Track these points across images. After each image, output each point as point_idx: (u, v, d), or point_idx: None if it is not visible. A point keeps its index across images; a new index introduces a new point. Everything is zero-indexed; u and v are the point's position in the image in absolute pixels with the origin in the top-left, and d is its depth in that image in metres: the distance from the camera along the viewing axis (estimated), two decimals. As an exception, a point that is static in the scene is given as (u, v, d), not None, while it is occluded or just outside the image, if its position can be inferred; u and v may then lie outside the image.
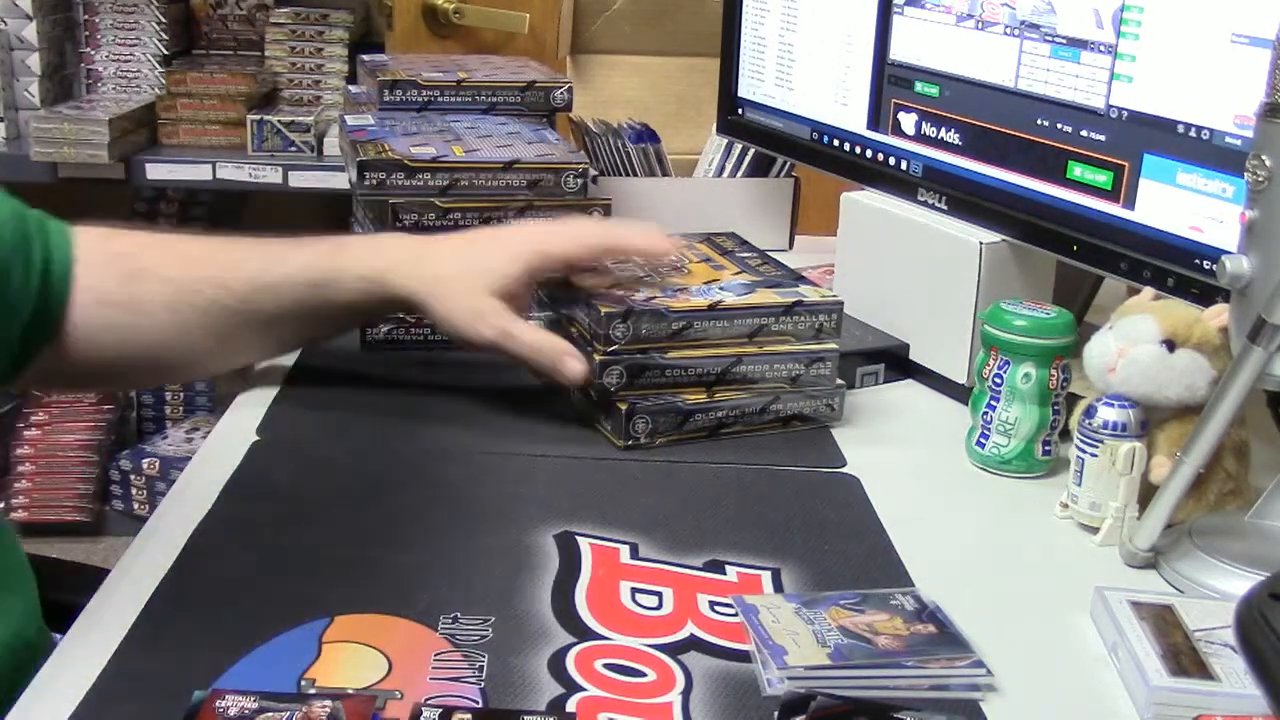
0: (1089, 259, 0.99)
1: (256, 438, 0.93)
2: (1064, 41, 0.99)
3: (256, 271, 0.94)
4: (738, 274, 1.03)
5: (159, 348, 0.93)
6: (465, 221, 1.10)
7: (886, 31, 1.16)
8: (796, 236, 1.47)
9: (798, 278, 1.03)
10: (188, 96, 2.49)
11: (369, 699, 0.62)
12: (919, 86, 1.13)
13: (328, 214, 2.59)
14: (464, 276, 0.94)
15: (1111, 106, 0.95)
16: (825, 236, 1.30)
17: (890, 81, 1.17)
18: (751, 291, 0.99)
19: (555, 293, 1.00)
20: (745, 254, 1.09)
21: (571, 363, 0.93)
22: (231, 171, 2.43)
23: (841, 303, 0.99)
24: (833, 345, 0.99)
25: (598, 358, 0.93)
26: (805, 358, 0.98)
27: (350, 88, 1.47)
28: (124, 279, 0.91)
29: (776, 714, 0.62)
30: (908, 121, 1.15)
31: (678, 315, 0.95)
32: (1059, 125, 1.00)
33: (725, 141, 1.47)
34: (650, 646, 0.69)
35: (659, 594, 0.75)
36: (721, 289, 0.99)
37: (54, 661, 0.67)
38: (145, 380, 1.03)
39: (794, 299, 0.98)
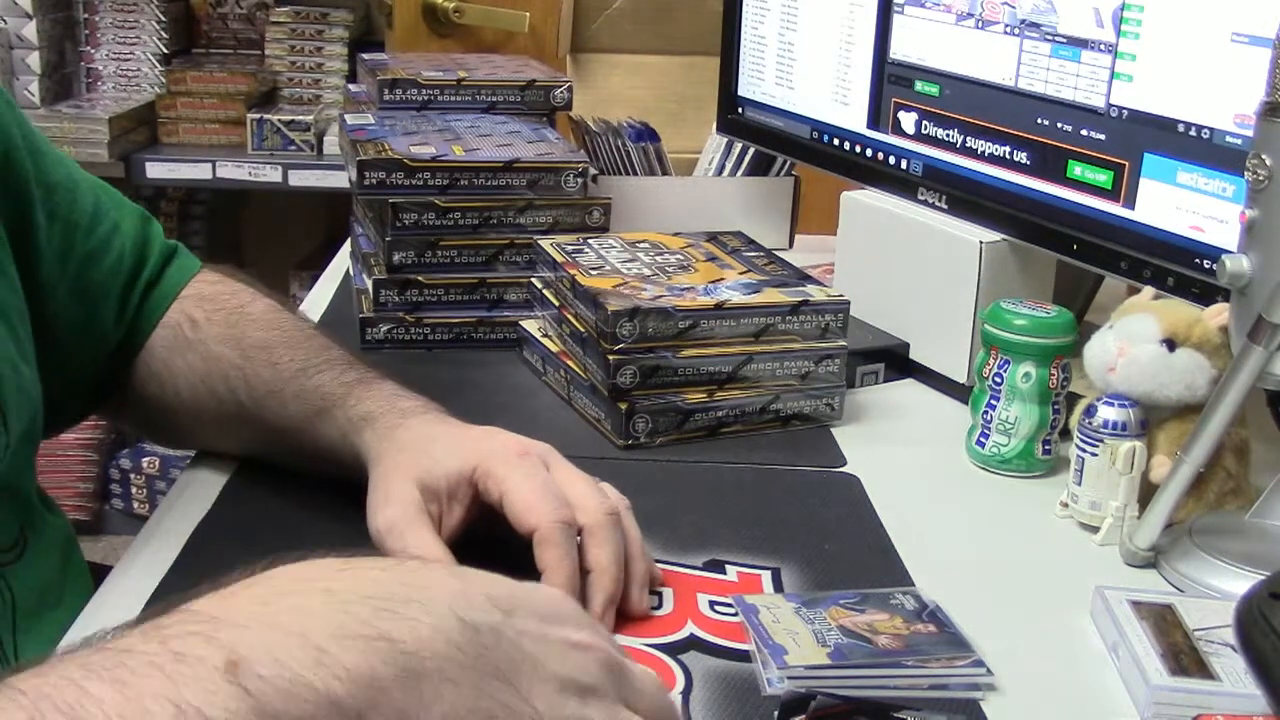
0: (1089, 258, 0.99)
1: (256, 437, 0.93)
2: (1064, 41, 0.99)
3: (290, 375, 0.85)
4: (744, 273, 1.03)
5: (170, 412, 0.90)
6: (465, 220, 1.10)
7: (887, 30, 1.16)
8: (796, 236, 1.47)
9: (804, 277, 1.03)
10: (187, 95, 2.50)
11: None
12: (919, 85, 1.13)
13: (328, 213, 2.60)
14: (410, 453, 0.76)
15: (1112, 106, 0.95)
16: (825, 236, 1.30)
17: (890, 80, 1.16)
18: (758, 291, 0.99)
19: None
20: (751, 253, 1.09)
21: None
22: (231, 170, 2.43)
23: (848, 302, 0.99)
24: (842, 342, 0.99)
25: (609, 357, 0.93)
26: (814, 355, 0.98)
27: (350, 87, 1.47)
28: (172, 346, 0.89)
29: (776, 714, 0.62)
30: (908, 121, 1.15)
31: (684, 314, 0.95)
32: (1059, 124, 1.00)
33: (725, 140, 1.47)
34: (650, 646, 0.69)
35: (659, 594, 0.75)
36: (728, 288, 0.99)
37: (54, 661, 0.67)
38: (148, 434, 1.00)
39: (800, 298, 0.98)
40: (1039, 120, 1.01)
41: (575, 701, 0.49)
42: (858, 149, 1.22)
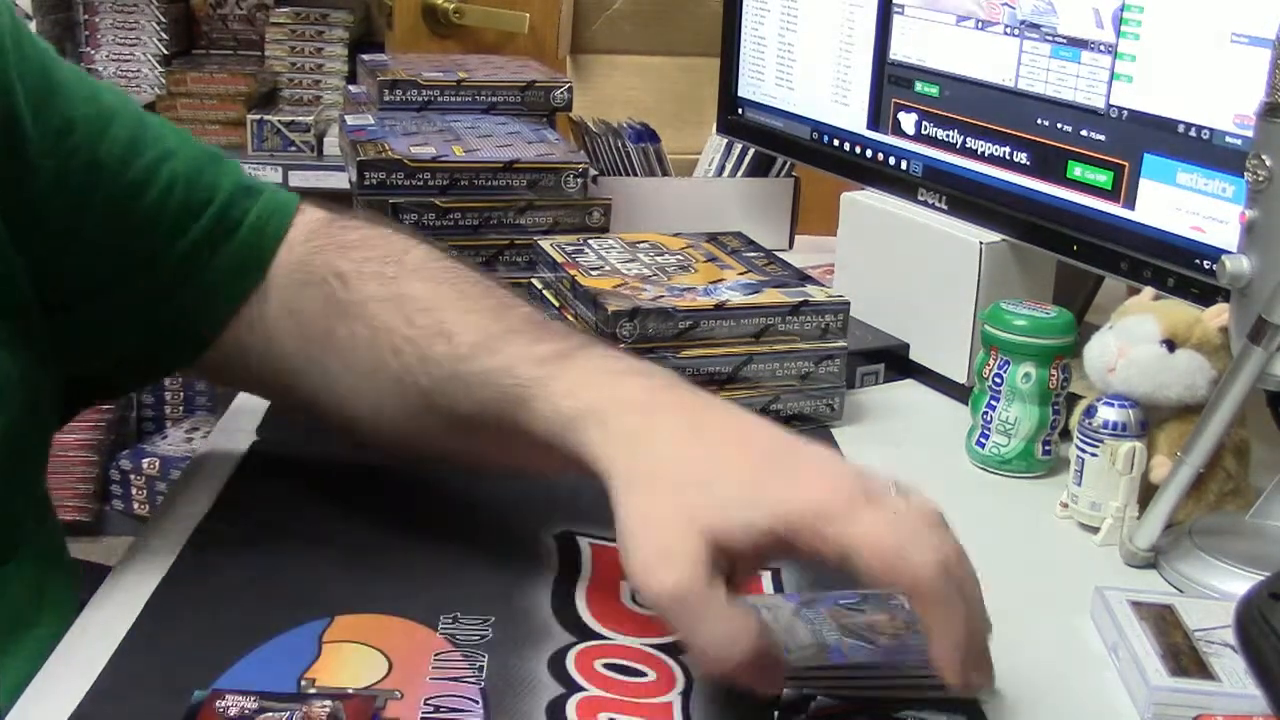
0: (1089, 259, 0.99)
1: (256, 438, 0.93)
2: (1064, 41, 0.99)
3: (468, 350, 0.71)
4: (744, 273, 1.03)
5: (333, 399, 0.78)
6: (465, 221, 1.10)
7: (886, 31, 1.16)
8: (796, 236, 1.47)
9: (803, 277, 1.03)
10: (188, 96, 2.50)
11: (369, 699, 0.62)
12: (919, 86, 1.13)
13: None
14: (675, 485, 0.61)
15: (1111, 106, 0.95)
16: (825, 236, 1.30)
17: (890, 81, 1.17)
18: (758, 291, 0.99)
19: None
20: (751, 253, 1.09)
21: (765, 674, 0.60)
22: (231, 171, 2.43)
23: (848, 303, 0.99)
24: (842, 343, 0.99)
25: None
26: (814, 356, 0.98)
27: (350, 88, 1.47)
28: (327, 310, 0.76)
29: (776, 714, 0.62)
30: (908, 121, 1.15)
31: (684, 314, 0.95)
32: (1059, 125, 1.00)
33: (725, 141, 1.47)
34: (650, 646, 0.69)
35: (659, 594, 0.75)
36: (728, 289, 0.99)
37: (54, 661, 0.67)
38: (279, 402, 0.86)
39: (800, 299, 0.98)
40: (1039, 121, 1.01)
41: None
42: (858, 150, 1.22)
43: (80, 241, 0.75)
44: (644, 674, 0.67)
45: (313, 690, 0.63)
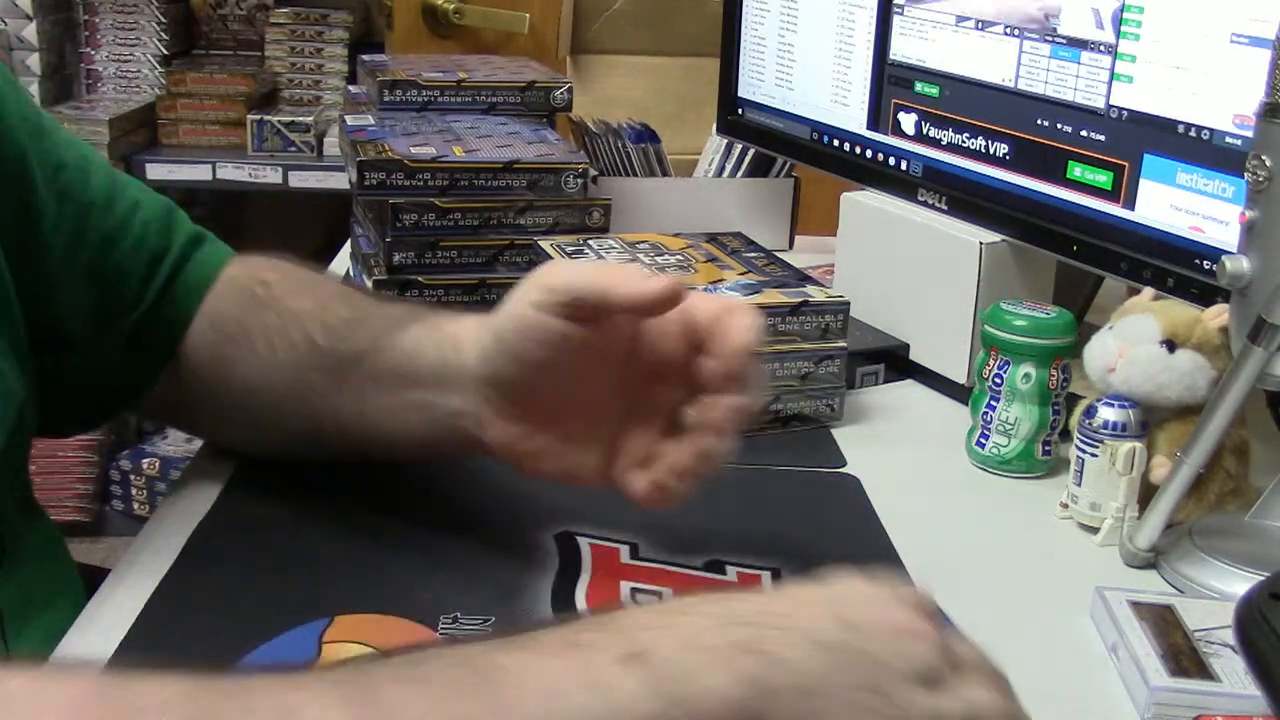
0: (1089, 259, 0.99)
1: (256, 438, 0.93)
2: (1064, 41, 0.99)
3: (369, 310, 0.82)
4: (744, 274, 1.03)
5: (252, 383, 0.84)
6: (465, 221, 1.10)
7: (886, 31, 1.16)
8: (796, 236, 1.47)
9: (803, 278, 1.03)
10: (188, 96, 2.50)
11: (369, 699, 0.62)
12: (919, 86, 1.13)
13: (328, 214, 2.60)
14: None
15: (1111, 106, 0.95)
16: (825, 236, 1.30)
17: (890, 81, 1.17)
18: (758, 291, 0.99)
19: None
20: (751, 254, 1.09)
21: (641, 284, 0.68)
22: (231, 171, 2.43)
23: (848, 303, 0.99)
24: (842, 343, 0.99)
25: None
26: (814, 356, 0.98)
27: (350, 88, 1.47)
28: (246, 306, 0.84)
29: None
30: (908, 121, 1.15)
31: None
32: (1059, 125, 1.00)
33: (725, 141, 1.47)
34: (650, 646, 0.69)
35: (659, 594, 0.75)
36: (728, 289, 0.99)
37: (54, 661, 0.67)
38: (240, 434, 0.88)
39: (800, 299, 0.98)
40: (1039, 121, 1.01)
41: (923, 693, 0.51)
42: (857, 150, 1.22)
43: (71, 282, 0.81)
44: (644, 674, 0.67)
45: (313, 690, 0.63)
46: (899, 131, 1.16)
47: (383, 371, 0.78)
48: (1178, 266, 0.91)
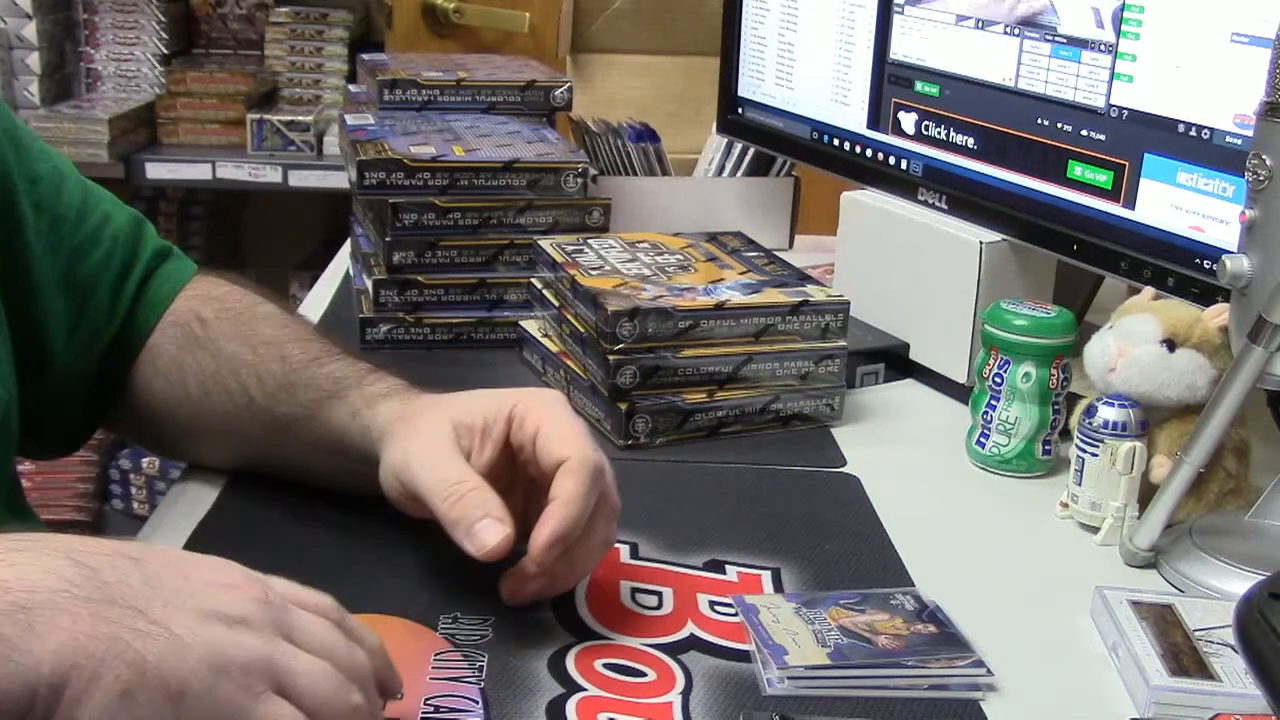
0: (1089, 259, 0.99)
1: (256, 437, 0.93)
2: (1064, 41, 0.99)
3: (299, 365, 0.84)
4: (744, 273, 1.03)
5: (181, 418, 0.87)
6: (465, 220, 1.10)
7: (886, 31, 1.16)
8: (796, 236, 1.47)
9: (803, 277, 1.03)
10: (187, 96, 2.50)
11: (369, 699, 0.62)
12: (919, 86, 1.13)
13: (328, 214, 2.60)
14: (441, 401, 0.77)
15: (1112, 106, 0.95)
16: (825, 236, 1.30)
17: (890, 81, 1.16)
18: (758, 291, 0.99)
19: None
20: (751, 253, 1.09)
21: (485, 532, 0.68)
22: (231, 171, 2.43)
23: (848, 303, 0.99)
24: (842, 343, 0.99)
25: (609, 357, 0.93)
26: (814, 355, 0.98)
27: (350, 87, 1.47)
28: (183, 344, 0.86)
29: (777, 716, 0.62)
30: (908, 121, 1.15)
31: (684, 314, 0.95)
32: (1059, 125, 1.00)
33: (725, 141, 1.47)
34: (650, 646, 0.69)
35: (659, 594, 0.75)
36: (728, 288, 0.99)
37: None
38: (189, 456, 0.91)
39: (800, 298, 0.98)
40: (1039, 120, 1.01)
41: (223, 627, 0.52)
42: (857, 149, 1.22)
43: (50, 292, 0.82)
44: (644, 674, 0.67)
45: (313, 690, 0.63)
46: (899, 131, 1.16)
47: (320, 438, 0.81)
48: (1178, 266, 0.91)
